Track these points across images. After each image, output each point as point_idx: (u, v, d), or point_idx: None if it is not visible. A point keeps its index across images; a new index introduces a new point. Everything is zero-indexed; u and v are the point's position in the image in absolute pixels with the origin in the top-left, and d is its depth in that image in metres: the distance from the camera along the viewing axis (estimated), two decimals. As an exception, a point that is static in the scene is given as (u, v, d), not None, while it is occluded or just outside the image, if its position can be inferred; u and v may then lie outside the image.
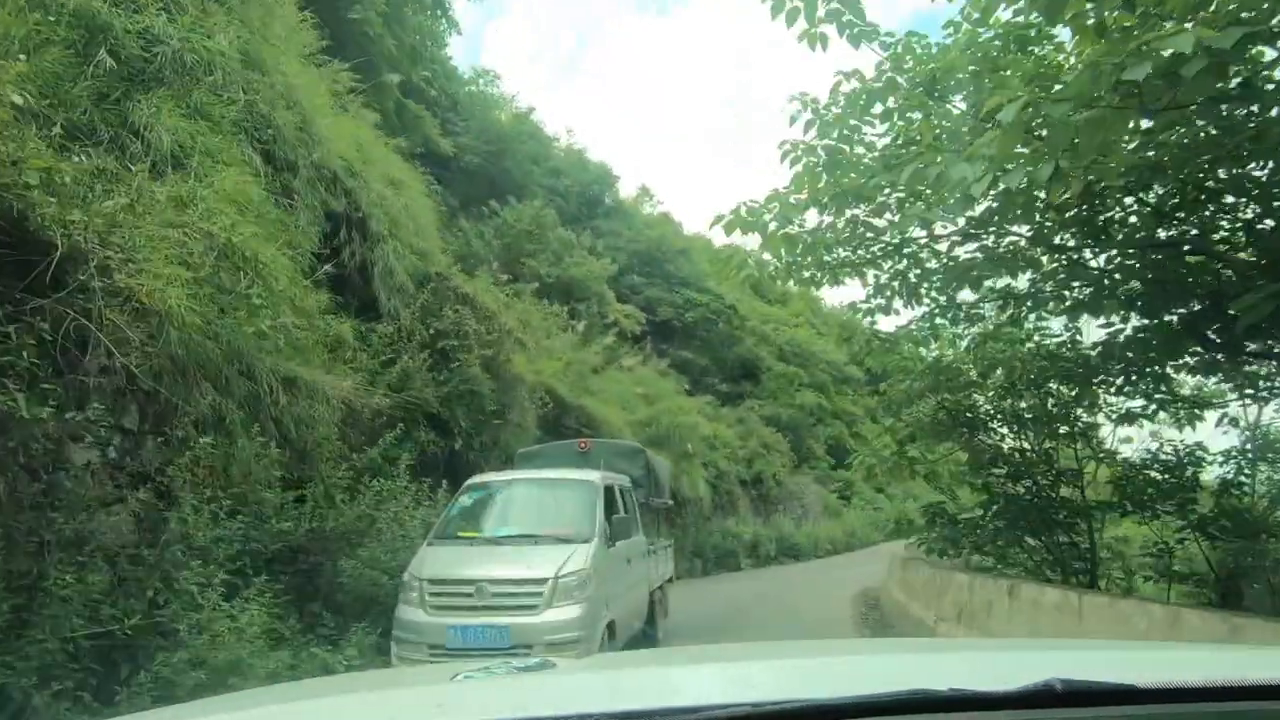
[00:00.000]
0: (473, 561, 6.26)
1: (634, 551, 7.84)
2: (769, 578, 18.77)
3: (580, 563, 6.16)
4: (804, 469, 29.52)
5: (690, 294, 29.45)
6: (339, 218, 10.44)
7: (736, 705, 0.92)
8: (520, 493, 7.22)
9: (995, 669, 1.27)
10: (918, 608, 8.72)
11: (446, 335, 11.25)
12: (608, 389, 18.34)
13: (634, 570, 7.69)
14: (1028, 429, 10.25)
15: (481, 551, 6.44)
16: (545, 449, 9.43)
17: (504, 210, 20.03)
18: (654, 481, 9.13)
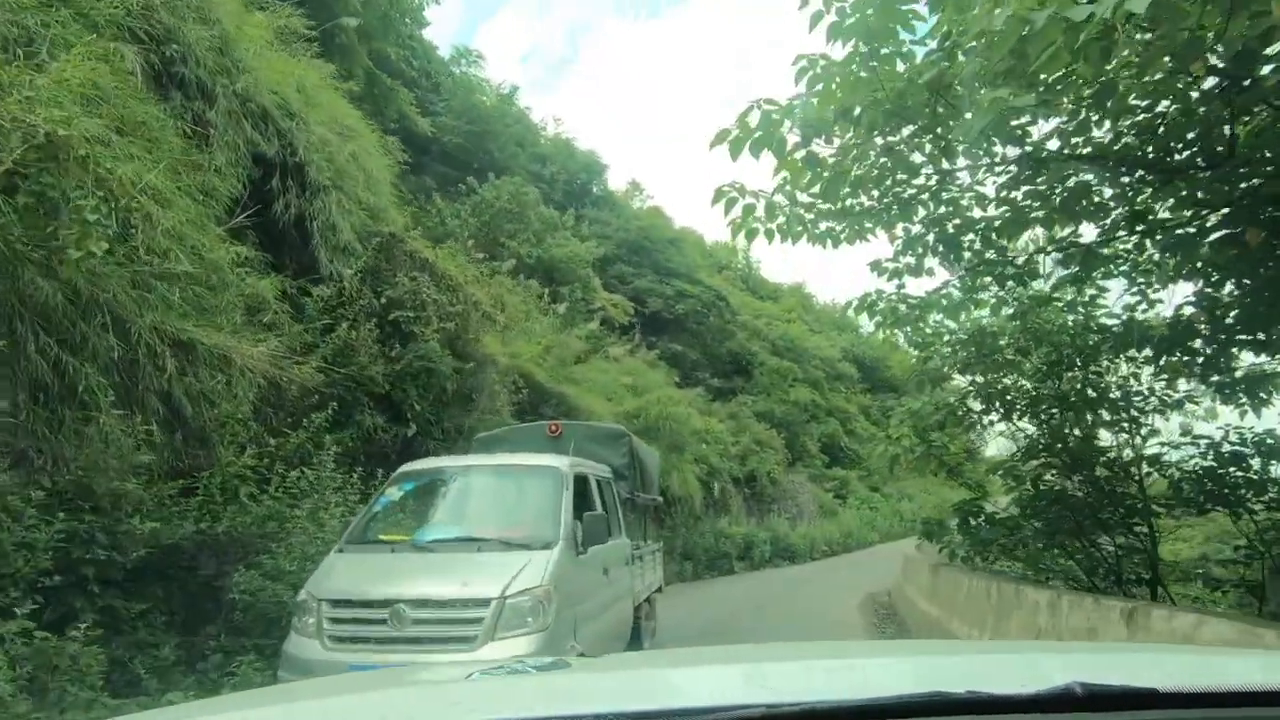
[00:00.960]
0: (392, 575, 4.53)
1: (613, 559, 6.13)
2: (765, 582, 17.07)
3: (536, 577, 4.45)
4: (798, 467, 27.87)
5: (681, 285, 27.79)
6: (270, 162, 8.68)
7: (752, 706, 0.89)
8: (465, 484, 5.48)
9: (1014, 671, 1.21)
10: (962, 626, 7.03)
11: (401, 305, 9.50)
12: (592, 378, 16.63)
13: (613, 582, 5.98)
14: (1078, 414, 8.61)
15: (406, 561, 4.72)
16: (508, 432, 7.70)
17: (482, 188, 18.27)
18: (640, 473, 7.44)
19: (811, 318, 39.86)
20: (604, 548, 5.74)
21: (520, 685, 1.29)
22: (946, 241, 7.45)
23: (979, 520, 8.57)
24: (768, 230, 7.55)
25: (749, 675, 1.31)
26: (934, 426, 8.95)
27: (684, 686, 1.30)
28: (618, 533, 6.77)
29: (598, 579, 5.53)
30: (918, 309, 8.05)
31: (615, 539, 6.51)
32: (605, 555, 5.77)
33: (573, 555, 4.97)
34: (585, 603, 5.08)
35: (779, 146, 5.64)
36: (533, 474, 5.45)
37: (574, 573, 4.94)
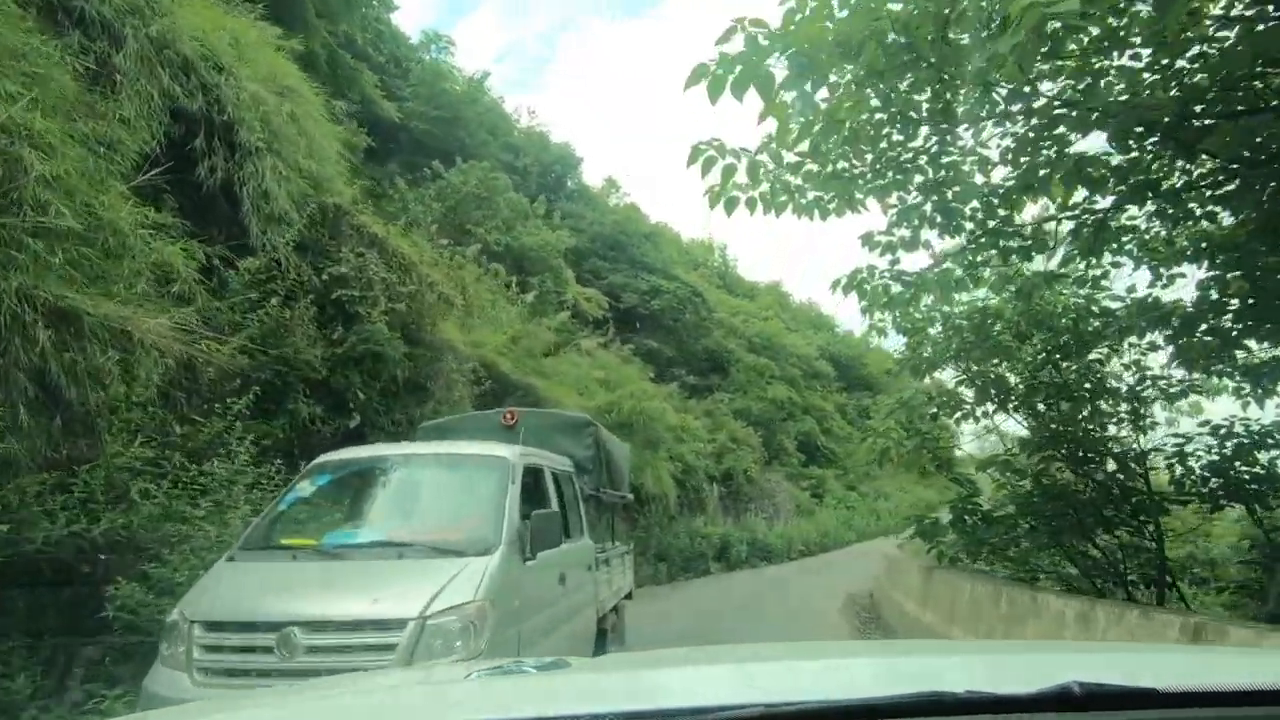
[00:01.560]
0: (287, 590, 3.59)
1: (573, 564, 5.23)
2: (742, 584, 16.26)
3: (468, 590, 3.53)
4: (775, 466, 27.15)
5: (657, 280, 26.94)
6: (194, 119, 7.66)
7: (751, 706, 0.89)
8: (391, 478, 4.53)
9: (1012, 671, 1.23)
10: (965, 637, 6.23)
11: (345, 283, 8.51)
12: (563, 371, 15.68)
13: (572, 591, 5.08)
14: (1079, 404, 7.89)
15: (308, 572, 3.77)
16: (457, 420, 6.75)
17: (449, 172, 17.24)
18: (607, 467, 6.55)
19: (788, 316, 39.27)
20: (560, 551, 4.84)
21: (519, 685, 1.27)
22: (945, 211, 6.68)
23: (974, 519, 7.82)
24: (750, 199, 6.73)
25: (746, 675, 1.29)
26: (927, 417, 8.18)
27: (681, 687, 1.27)
28: (579, 533, 5.87)
29: (552, 588, 4.63)
30: (913, 286, 7.25)
31: (575, 541, 5.61)
32: (562, 560, 4.87)
33: (519, 561, 4.06)
34: (535, 617, 4.18)
35: (765, 83, 4.79)
36: (473, 465, 4.52)
37: (520, 583, 4.04)
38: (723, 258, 40.26)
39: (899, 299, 7.79)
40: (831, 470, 30.44)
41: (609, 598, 6.64)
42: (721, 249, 42.08)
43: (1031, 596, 5.12)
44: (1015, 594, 5.49)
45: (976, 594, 6.24)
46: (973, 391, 8.32)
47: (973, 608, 6.08)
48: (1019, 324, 7.56)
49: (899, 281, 7.24)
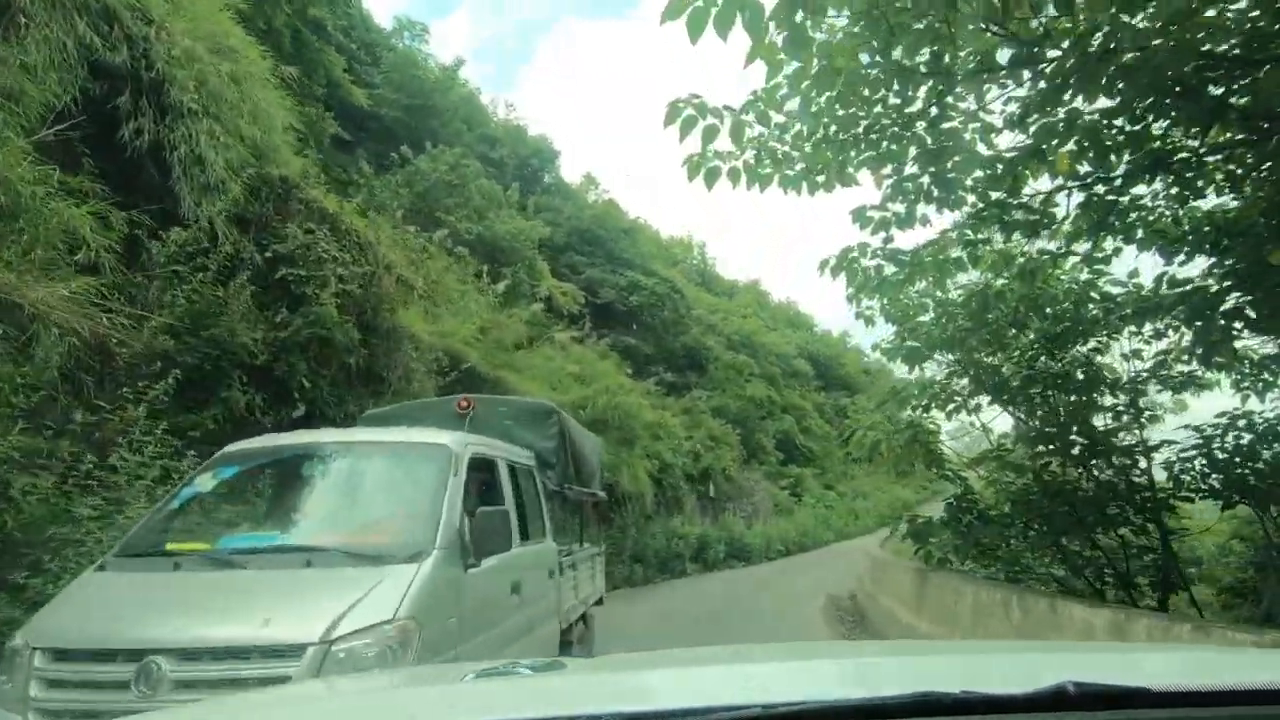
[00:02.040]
0: (158, 607, 2.85)
1: (531, 569, 4.54)
2: (719, 586, 15.64)
3: (388, 606, 2.83)
4: (753, 464, 26.61)
5: (635, 276, 26.26)
6: (117, 75, 6.83)
7: (747, 706, 0.88)
8: (311, 470, 3.79)
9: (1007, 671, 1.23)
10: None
11: (291, 262, 7.73)
12: (535, 364, 14.95)
13: (530, 601, 4.39)
14: (1079, 396, 7.35)
15: (189, 585, 3.02)
16: (404, 408, 6.01)
17: (418, 158, 16.42)
18: (571, 459, 5.85)
19: (766, 315, 38.83)
20: (515, 555, 4.15)
21: (516, 686, 1.26)
22: (944, 183, 6.08)
23: (970, 517, 7.24)
24: (732, 170, 6.09)
25: (743, 676, 1.27)
26: (919, 408, 7.60)
27: (678, 687, 1.23)
28: (541, 534, 5.18)
29: (502, 599, 3.93)
30: (906, 266, 6.65)
31: (534, 543, 4.91)
32: (516, 566, 4.18)
33: (457, 569, 3.36)
34: (480, 635, 3.48)
35: (754, 16, 4.13)
36: (407, 456, 3.79)
37: (460, 595, 3.33)
38: (701, 256, 39.74)
39: (889, 285, 7.21)
40: (810, 469, 29.99)
41: (575, 606, 5.95)
42: (700, 247, 41.61)
43: (1050, 605, 4.52)
44: (1029, 601, 4.89)
45: (982, 601, 5.64)
46: (966, 382, 7.75)
47: (977, 616, 5.49)
48: (1018, 308, 7.00)
49: (893, 261, 6.64)
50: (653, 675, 1.40)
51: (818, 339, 41.33)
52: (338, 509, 3.55)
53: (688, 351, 27.93)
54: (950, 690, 0.89)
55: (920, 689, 0.89)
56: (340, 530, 3.35)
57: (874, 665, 1.47)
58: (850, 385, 40.10)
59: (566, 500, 5.95)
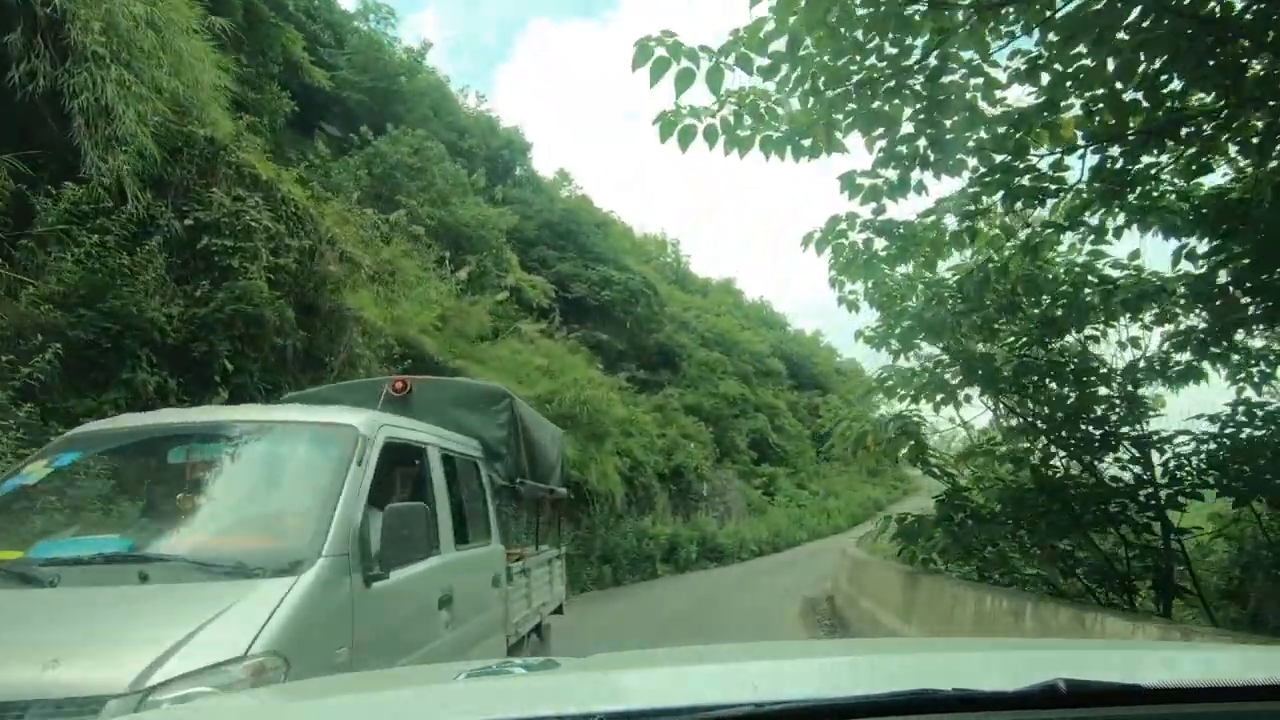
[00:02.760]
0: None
1: (468, 576, 3.78)
2: (692, 588, 14.94)
3: (240, 638, 2.04)
4: (726, 463, 25.97)
5: (607, 271, 25.44)
6: (9, 10, 5.91)
7: (740, 705, 0.86)
8: (173, 458, 2.96)
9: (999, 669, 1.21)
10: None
11: (216, 230, 6.84)
12: (500, 356, 14.12)
13: (464, 618, 3.61)
14: (1076, 385, 6.77)
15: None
16: (330, 390, 5.14)
17: (378, 140, 15.47)
18: (525, 451, 5.07)
19: (740, 314, 38.30)
20: (444, 562, 3.38)
21: (509, 686, 1.24)
22: (943, 145, 5.44)
23: (964, 515, 6.61)
24: (709, 129, 5.40)
25: (735, 674, 1.27)
26: (907, 399, 6.96)
27: (671, 686, 1.22)
28: (484, 536, 4.40)
29: (421, 618, 3.14)
30: (899, 241, 5.99)
31: (476, 546, 4.14)
32: (446, 575, 3.40)
33: (354, 583, 2.57)
34: (386, 666, 2.68)
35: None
36: (301, 439, 2.97)
37: (355, 616, 2.55)
38: (675, 254, 39.10)
39: (875, 267, 6.55)
40: (783, 468, 29.46)
41: (528, 616, 5.17)
42: (674, 245, 40.94)
43: (1076, 616, 3.88)
44: (1047, 611, 4.23)
45: (987, 609, 4.98)
46: (955, 371, 7.13)
47: (982, 627, 4.82)
48: (1015, 289, 6.39)
49: (884, 234, 5.97)
50: (645, 674, 1.38)
51: (791, 338, 40.93)
52: (200, 507, 2.73)
53: (661, 349, 27.21)
54: (943, 688, 0.87)
55: (912, 686, 0.88)
56: (198, 534, 2.55)
57: (866, 663, 1.45)
58: (823, 384, 39.74)
59: (520, 497, 5.16)
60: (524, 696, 1.13)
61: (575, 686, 1.22)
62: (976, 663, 1.36)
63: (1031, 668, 1.01)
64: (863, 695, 0.90)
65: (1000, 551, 7.34)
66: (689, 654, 1.89)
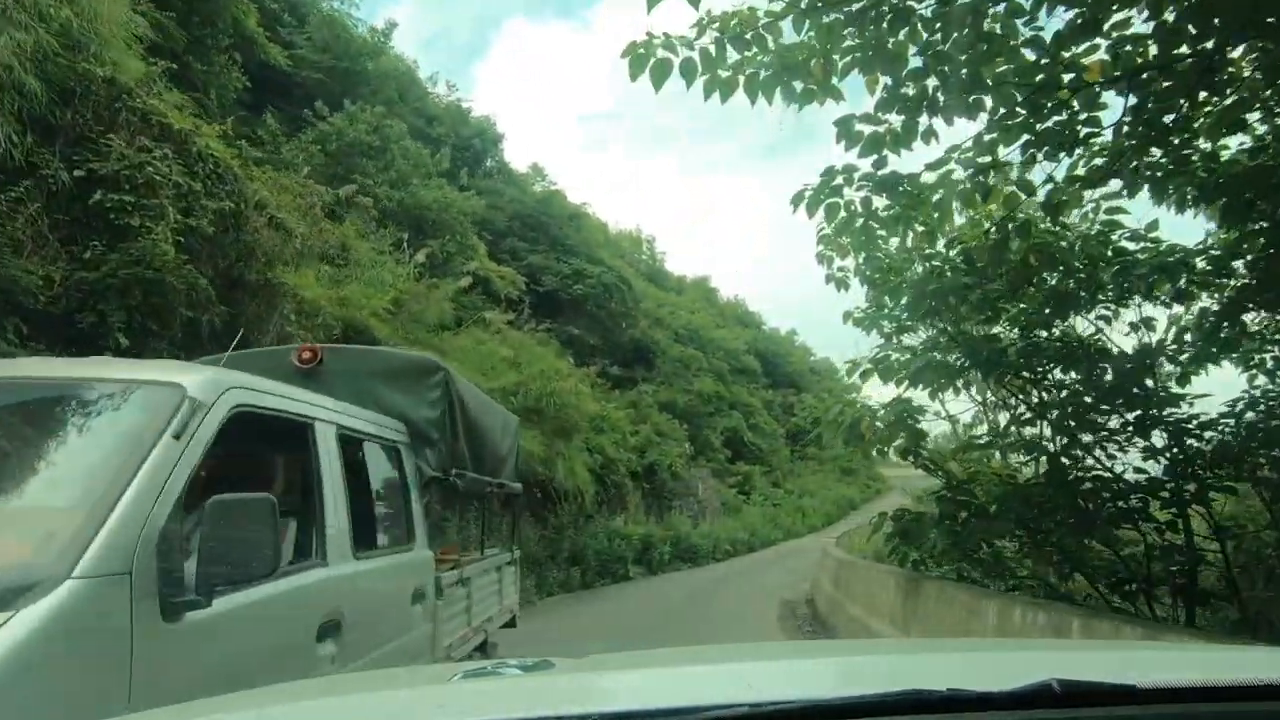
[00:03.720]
0: None
1: (373, 594, 2.87)
2: (664, 592, 14.09)
3: None
4: (700, 461, 25.18)
5: (580, 264, 24.53)
6: None
7: (735, 705, 0.85)
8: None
9: (993, 669, 1.20)
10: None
11: (114, 185, 5.81)
12: (463, 347, 13.12)
13: (359, 648, 2.70)
14: (1089, 368, 6.05)
15: None
16: (228, 359, 4.19)
17: (334, 116, 14.38)
18: (465, 436, 4.17)
19: (714, 312, 37.62)
20: (333, 577, 2.47)
21: (504, 686, 1.22)
22: (956, 83, 4.65)
23: (969, 513, 5.84)
24: (686, 64, 4.61)
25: (731, 674, 1.27)
26: (902, 381, 6.18)
27: (666, 686, 1.20)
28: (404, 539, 3.49)
29: (283, 658, 2.23)
30: (902, 199, 5.19)
31: (390, 552, 3.22)
32: (330, 596, 2.49)
33: (138, 616, 1.65)
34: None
35: None
36: (98, 404, 1.99)
37: (140, 666, 1.63)
38: (650, 251, 38.30)
39: (873, 230, 5.74)
40: (759, 467, 28.77)
41: (467, 636, 4.26)
42: (649, 242, 40.15)
43: (1149, 634, 3.08)
44: (1096, 624, 3.43)
45: (1014, 624, 4.17)
46: (958, 354, 6.37)
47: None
48: (1028, 258, 5.64)
49: (886, 190, 5.16)
50: (640, 674, 1.36)
51: (765, 336, 40.36)
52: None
53: (635, 345, 26.35)
54: (937, 688, 0.86)
55: (907, 687, 0.87)
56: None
57: (860, 663, 1.45)
58: (797, 383, 39.25)
59: (457, 491, 4.25)
60: (520, 697, 1.11)
61: (571, 687, 1.20)
62: (970, 663, 1.35)
63: (1026, 668, 1.00)
64: (857, 695, 0.89)
65: (995, 552, 6.61)
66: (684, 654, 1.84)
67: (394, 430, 3.70)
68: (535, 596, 12.30)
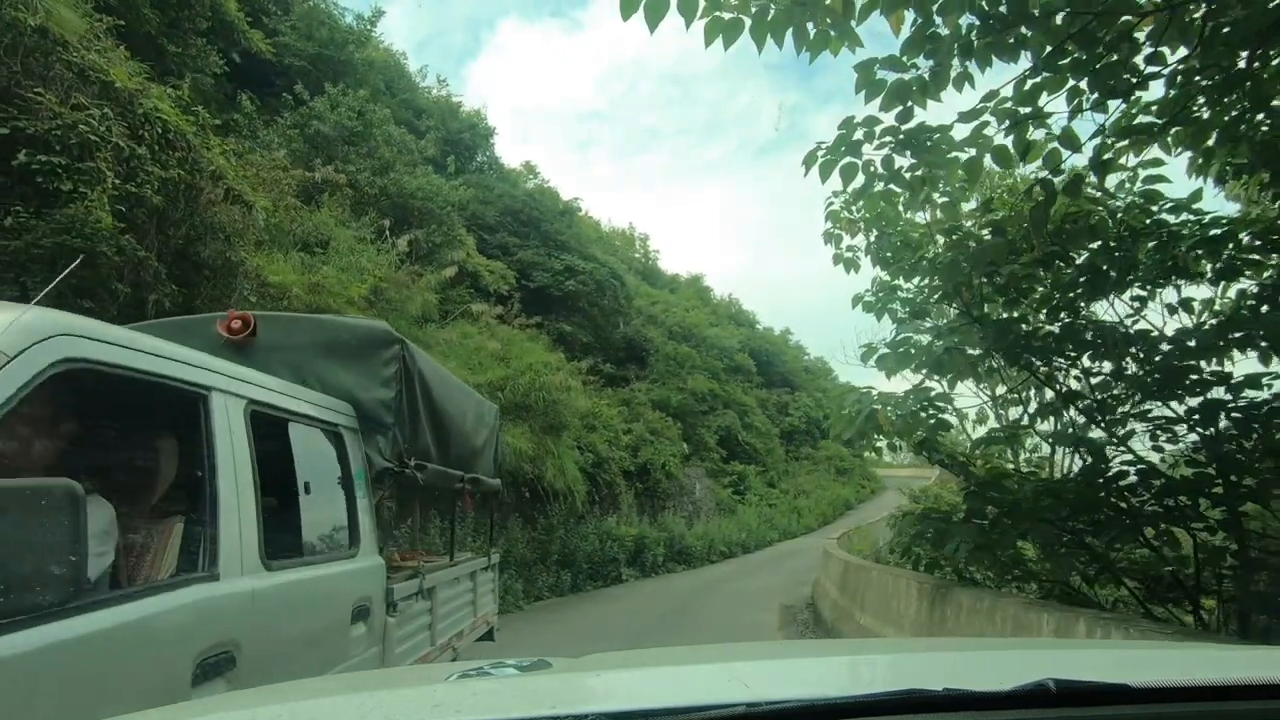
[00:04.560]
0: None
1: (285, 617, 2.22)
2: (658, 596, 13.43)
3: None
4: (694, 461, 24.54)
5: (572, 260, 23.86)
6: None
7: (732, 705, 0.83)
8: None
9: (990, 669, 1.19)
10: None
11: (45, 145, 5.13)
12: (448, 340, 12.47)
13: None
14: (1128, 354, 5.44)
15: None
16: (145, 328, 3.52)
17: (315, 100, 13.69)
18: (424, 420, 3.52)
19: (708, 310, 37.01)
20: (223, 595, 1.83)
21: (502, 686, 1.19)
22: (997, 16, 4.05)
23: (1003, 511, 5.21)
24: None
25: (729, 674, 1.18)
26: (921, 367, 5.56)
27: (664, 686, 1.18)
28: (348, 544, 2.84)
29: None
30: (929, 157, 4.57)
31: (318, 563, 2.57)
32: (214, 622, 1.83)
33: None
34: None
35: None
36: None
37: None
38: (644, 249, 37.67)
39: (892, 201, 5.13)
40: (753, 466, 28.16)
41: (430, 657, 3.61)
42: (643, 240, 39.52)
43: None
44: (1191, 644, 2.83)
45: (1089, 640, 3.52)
46: (981, 337, 5.75)
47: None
48: (1064, 226, 5.03)
49: (912, 147, 4.55)
50: (638, 674, 1.34)
51: (759, 336, 39.76)
52: None
53: (628, 342, 25.69)
54: (933, 687, 0.86)
55: (904, 686, 0.86)
56: None
57: (858, 663, 1.44)
58: (791, 383, 38.69)
59: (419, 487, 3.60)
60: (517, 697, 1.09)
61: (569, 686, 1.19)
62: (968, 662, 1.33)
63: (1023, 667, 1.01)
64: (854, 695, 0.89)
65: (1015, 554, 6.00)
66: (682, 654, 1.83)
67: (337, 412, 3.05)
68: (523, 601, 11.64)
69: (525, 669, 1.29)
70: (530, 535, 12.93)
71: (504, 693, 1.12)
